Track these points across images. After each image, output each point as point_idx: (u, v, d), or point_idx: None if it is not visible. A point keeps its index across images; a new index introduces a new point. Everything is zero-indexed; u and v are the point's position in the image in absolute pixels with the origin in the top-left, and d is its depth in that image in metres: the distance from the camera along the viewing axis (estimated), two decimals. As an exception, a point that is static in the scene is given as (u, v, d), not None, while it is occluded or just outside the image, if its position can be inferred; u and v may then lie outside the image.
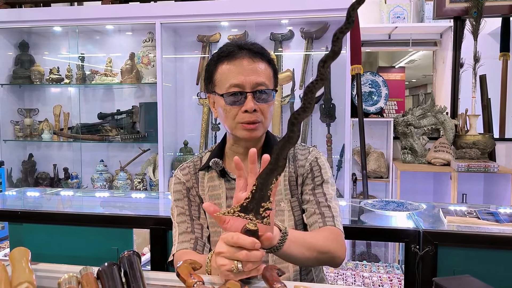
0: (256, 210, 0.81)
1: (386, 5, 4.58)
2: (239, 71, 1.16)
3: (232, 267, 0.81)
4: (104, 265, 0.84)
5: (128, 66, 3.21)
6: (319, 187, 1.26)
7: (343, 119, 2.89)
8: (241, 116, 1.17)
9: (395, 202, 1.88)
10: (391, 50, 5.45)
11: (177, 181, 1.33)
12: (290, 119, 0.79)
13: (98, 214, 1.83)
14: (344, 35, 0.75)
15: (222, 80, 1.18)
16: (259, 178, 0.81)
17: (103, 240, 1.82)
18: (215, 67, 1.21)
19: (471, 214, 1.71)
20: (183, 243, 1.23)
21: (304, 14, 2.89)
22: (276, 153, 0.80)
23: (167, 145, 3.11)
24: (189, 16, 2.97)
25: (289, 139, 0.79)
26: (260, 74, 1.17)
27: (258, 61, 1.18)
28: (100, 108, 3.40)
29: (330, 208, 1.22)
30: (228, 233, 0.83)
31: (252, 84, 1.16)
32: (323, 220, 1.19)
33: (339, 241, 1.17)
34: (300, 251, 1.03)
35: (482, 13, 2.89)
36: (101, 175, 3.28)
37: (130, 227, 1.80)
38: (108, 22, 3.13)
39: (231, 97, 1.17)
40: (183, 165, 1.36)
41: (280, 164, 0.80)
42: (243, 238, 0.81)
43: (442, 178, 2.97)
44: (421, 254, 1.53)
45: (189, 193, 1.30)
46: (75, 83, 3.32)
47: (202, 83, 3.23)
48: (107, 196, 2.31)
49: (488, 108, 3.02)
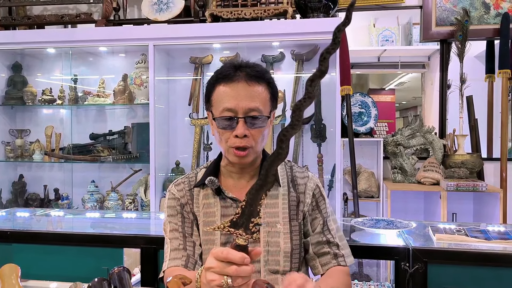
0: (246, 225, 0.82)
1: (375, 29, 4.69)
2: (233, 95, 1.18)
3: (222, 282, 0.82)
4: (94, 281, 0.85)
5: (121, 87, 3.23)
6: (326, 226, 1.33)
7: (333, 139, 2.92)
8: (232, 140, 1.20)
9: (385, 221, 1.90)
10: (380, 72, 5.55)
11: (171, 196, 1.33)
12: (279, 136, 0.81)
13: (88, 233, 1.83)
14: (330, 55, 0.78)
15: (217, 102, 1.21)
16: (248, 194, 0.83)
17: (93, 260, 1.81)
18: (213, 87, 1.24)
19: (460, 232, 1.73)
20: (174, 260, 1.23)
21: (294, 37, 2.95)
22: (265, 169, 0.82)
23: (159, 165, 3.12)
24: (182, 38, 3.02)
25: (278, 155, 0.81)
26: (254, 99, 1.18)
27: (254, 84, 1.19)
28: (92, 128, 3.41)
29: (338, 247, 1.31)
30: (218, 248, 0.84)
31: (244, 110, 1.17)
32: (337, 261, 1.29)
33: (348, 280, 1.28)
34: None
35: (467, 36, 2.97)
36: (92, 195, 3.27)
37: (120, 246, 1.80)
38: (102, 44, 3.17)
39: (223, 121, 1.19)
40: (178, 180, 1.36)
41: (269, 180, 0.82)
42: (233, 253, 0.82)
43: (432, 197, 3.00)
44: (411, 271, 1.54)
45: (183, 210, 1.30)
46: (67, 104, 3.34)
47: (194, 104, 3.26)
48: (98, 216, 2.30)
49: (476, 128, 3.08)
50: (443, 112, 3.16)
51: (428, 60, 5.14)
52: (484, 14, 3.05)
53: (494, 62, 3.18)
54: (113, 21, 3.33)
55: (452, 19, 3.08)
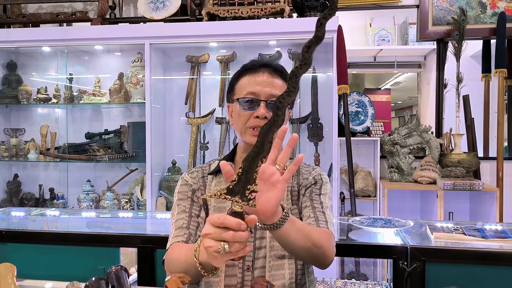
0: (242, 192, 0.83)
1: (372, 28, 4.69)
2: (258, 82, 1.26)
3: (219, 248, 0.83)
4: (92, 280, 0.84)
5: (117, 86, 3.21)
6: (317, 196, 1.31)
7: (330, 138, 2.91)
8: (251, 121, 1.25)
9: (382, 219, 1.90)
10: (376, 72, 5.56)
11: (184, 183, 1.37)
12: (275, 103, 0.83)
13: (84, 233, 1.81)
14: (326, 20, 0.79)
15: (241, 89, 1.29)
16: (245, 161, 0.83)
17: (89, 259, 1.79)
18: (237, 79, 1.32)
19: (458, 231, 1.73)
20: (176, 237, 1.25)
21: (291, 36, 2.94)
22: (261, 136, 0.84)
23: (155, 164, 3.10)
24: (178, 37, 3.00)
25: (274, 122, 0.83)
26: (276, 88, 1.26)
27: (276, 77, 1.29)
28: (87, 128, 3.39)
29: (324, 215, 1.27)
30: (214, 215, 0.85)
31: (267, 95, 1.25)
32: (317, 223, 1.24)
33: (331, 242, 1.20)
34: (297, 237, 1.06)
35: (464, 36, 2.98)
36: (88, 195, 3.25)
37: (116, 246, 1.79)
38: (97, 42, 3.15)
39: (246, 103, 1.26)
40: (192, 169, 1.42)
41: (265, 148, 0.84)
42: (229, 219, 0.83)
43: (428, 196, 3.00)
44: (409, 270, 1.54)
45: (194, 195, 1.34)
46: (62, 103, 3.32)
47: (191, 103, 3.24)
48: (93, 215, 2.28)
49: (472, 127, 3.08)
50: (440, 111, 3.16)
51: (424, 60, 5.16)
52: (480, 14, 3.06)
53: (491, 62, 3.19)
54: (109, 19, 3.31)
55: (448, 18, 3.09)
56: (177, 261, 1.15)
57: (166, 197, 3.14)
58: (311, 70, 3.13)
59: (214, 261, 0.86)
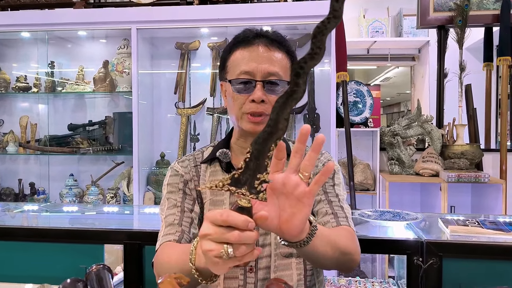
0: (251, 183, 0.67)
1: (365, 20, 4.58)
2: (252, 58, 1.08)
3: (221, 252, 0.66)
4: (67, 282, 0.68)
5: (102, 74, 3.03)
6: (331, 187, 1.15)
7: (328, 129, 2.77)
8: (248, 105, 1.08)
9: (390, 212, 1.76)
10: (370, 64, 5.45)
11: (174, 173, 1.19)
12: (295, 68, 0.65)
13: (64, 228, 1.64)
14: None
15: (233, 67, 1.11)
16: (254, 144, 0.67)
17: (70, 257, 1.62)
18: (229, 53, 1.13)
19: (473, 224, 1.60)
20: (167, 236, 1.08)
21: (287, 21, 2.80)
22: (275, 112, 0.66)
23: (142, 158, 2.93)
24: (167, 22, 2.83)
25: (292, 93, 0.66)
26: (274, 63, 1.08)
27: (274, 49, 1.09)
28: (70, 119, 3.20)
29: (343, 209, 1.12)
30: (214, 211, 0.68)
31: (263, 73, 1.07)
32: (337, 220, 1.08)
33: (356, 243, 1.06)
34: (325, 249, 0.90)
35: (467, 22, 2.85)
36: (71, 190, 3.06)
37: (100, 242, 1.61)
38: (80, 27, 2.96)
39: (239, 85, 1.09)
40: (182, 158, 1.24)
41: (280, 127, 0.67)
42: (234, 216, 0.66)
43: (430, 189, 2.88)
44: (425, 267, 1.40)
45: (186, 186, 1.17)
46: (43, 92, 3.12)
47: (180, 93, 3.08)
48: (76, 210, 2.11)
49: (474, 118, 2.96)
50: (440, 101, 3.03)
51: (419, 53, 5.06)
52: (483, 0, 2.93)
53: (493, 50, 3.08)
54: (93, 3, 3.12)
55: (450, 4, 2.96)
56: (167, 264, 0.98)
57: (154, 192, 2.97)
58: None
59: (214, 267, 0.69)
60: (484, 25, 3.00)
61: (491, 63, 3.04)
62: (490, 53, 3.03)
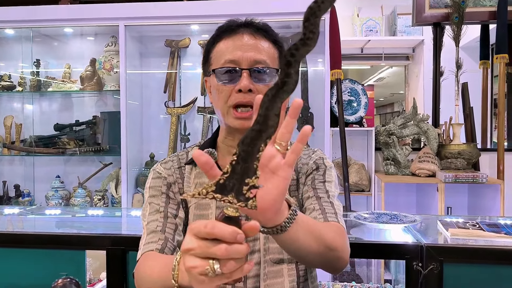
0: (238, 189, 0.59)
1: (359, 19, 4.51)
2: (237, 46, 1.01)
3: (206, 269, 0.57)
4: None
5: (89, 72, 2.94)
6: (321, 184, 1.07)
7: (322, 128, 2.70)
8: (234, 97, 1.00)
9: (387, 215, 1.68)
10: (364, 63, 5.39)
11: (156, 175, 1.10)
12: (285, 56, 0.57)
13: (43, 233, 1.54)
14: None
15: (217, 57, 1.03)
16: (241, 144, 0.59)
17: (49, 264, 1.53)
18: (212, 45, 1.06)
19: (474, 226, 1.53)
20: (149, 244, 0.99)
21: (279, 17, 2.72)
22: (264, 107, 0.58)
23: (131, 158, 2.84)
24: (156, 18, 2.75)
25: (283, 85, 0.58)
26: (260, 52, 1.01)
27: (260, 38, 1.04)
28: (57, 118, 3.10)
29: (332, 205, 1.03)
30: (198, 222, 0.59)
31: (249, 61, 1.00)
32: (324, 216, 1.00)
33: (346, 240, 0.96)
34: (307, 240, 0.82)
35: (464, 19, 2.79)
36: (57, 192, 2.96)
37: (82, 248, 1.52)
38: (66, 24, 2.86)
39: (224, 75, 1.01)
40: (165, 159, 1.15)
41: (270, 124, 0.59)
42: (221, 227, 0.57)
43: (426, 190, 2.81)
44: (425, 272, 1.32)
45: (170, 190, 1.08)
46: (28, 91, 3.02)
47: (170, 91, 2.99)
48: (59, 213, 2.01)
49: (471, 117, 2.90)
50: (436, 100, 2.97)
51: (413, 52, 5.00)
52: (479, -4, 2.88)
53: (489, 48, 3.02)
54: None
55: (446, 1, 2.89)
56: (149, 278, 0.89)
57: (143, 194, 2.88)
58: (300, 56, 2.89)
59: (199, 286, 0.61)
60: (480, 22, 2.94)
61: (487, 61, 2.99)
62: (487, 51, 2.98)
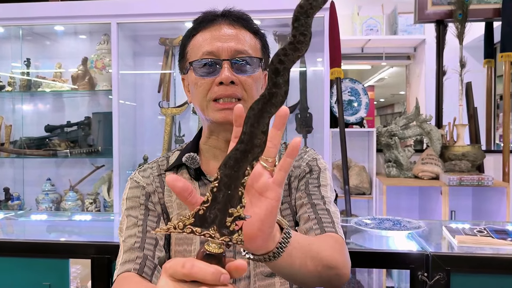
0: (221, 221, 0.50)
1: (359, 17, 4.42)
2: (215, 37, 0.93)
3: None
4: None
5: (81, 71, 2.85)
6: (315, 189, 0.97)
7: (321, 129, 2.61)
8: (214, 90, 0.91)
9: (390, 220, 1.59)
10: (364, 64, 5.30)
11: (134, 184, 1.00)
12: (273, 63, 0.48)
13: (23, 241, 1.45)
14: None
15: (194, 51, 0.95)
16: (223, 167, 0.50)
17: (31, 274, 1.44)
18: (188, 39, 0.97)
19: (482, 233, 1.43)
20: (125, 264, 0.88)
21: (277, 15, 2.64)
22: (249, 123, 0.49)
23: (124, 161, 2.75)
24: (149, 16, 2.66)
25: (270, 97, 0.49)
26: (242, 42, 0.94)
27: (240, 28, 0.96)
28: (47, 119, 3.00)
29: (329, 213, 0.93)
30: (174, 260, 0.50)
31: (230, 51, 0.92)
32: (321, 226, 0.90)
33: (345, 254, 0.86)
34: (303, 262, 0.72)
35: (468, 16, 2.70)
36: (47, 195, 2.86)
37: (65, 257, 1.43)
38: (57, 21, 2.77)
39: (203, 68, 0.92)
40: (144, 166, 1.05)
41: (256, 143, 0.49)
42: (201, 267, 0.48)
43: (429, 193, 2.71)
44: (431, 283, 1.23)
45: (149, 200, 0.98)
46: (18, 90, 2.93)
47: (164, 91, 2.90)
48: (45, 218, 1.92)
49: (475, 117, 2.81)
50: (439, 100, 2.88)
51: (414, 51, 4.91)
52: (483, -7, 2.79)
53: (493, 46, 2.93)
54: (71, -4, 2.93)
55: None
56: None
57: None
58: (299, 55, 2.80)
59: None
60: (484, 19, 2.85)
61: (491, 60, 2.89)
62: (491, 49, 2.88)
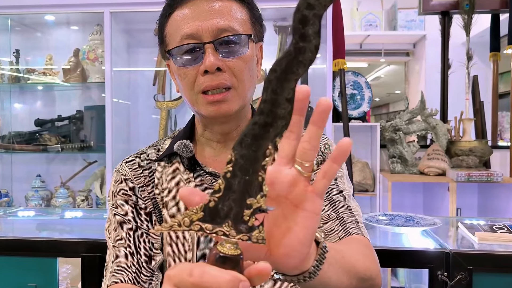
0: (237, 214, 0.39)
1: (358, 12, 4.34)
2: (194, 15, 0.78)
3: None
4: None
5: (72, 63, 2.73)
6: (333, 181, 0.84)
7: (323, 123, 2.51)
8: (200, 81, 0.78)
9: (402, 216, 1.49)
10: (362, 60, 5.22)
11: (120, 177, 0.87)
12: (299, 8, 0.39)
13: (8, 238, 1.34)
14: None
15: (172, 34, 0.81)
16: (238, 147, 0.39)
17: (16, 274, 1.33)
18: (165, 19, 0.82)
19: (502, 229, 1.34)
20: (117, 273, 0.76)
21: (277, 4, 2.54)
22: (270, 88, 0.39)
23: (117, 156, 2.63)
24: (144, 4, 2.55)
25: (297, 53, 0.40)
26: (225, 15, 0.78)
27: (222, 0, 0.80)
28: (37, 113, 2.88)
29: (350, 210, 0.82)
30: (181, 266, 0.39)
31: (212, 31, 0.77)
32: (344, 228, 0.79)
33: (376, 260, 0.76)
34: (339, 278, 0.61)
35: (475, 6, 2.62)
36: (37, 192, 2.75)
37: (53, 255, 1.33)
38: (47, 10, 2.66)
39: (184, 55, 0.79)
40: (131, 156, 0.92)
41: (280, 113, 0.40)
42: (214, 274, 0.38)
43: (435, 189, 2.62)
44: (452, 283, 1.13)
45: (138, 196, 0.85)
46: (6, 83, 2.81)
47: (159, 84, 2.78)
48: (32, 215, 1.81)
49: (481, 112, 2.73)
50: (444, 94, 2.79)
51: (414, 48, 4.82)
52: (490, -16, 2.71)
53: (499, 39, 2.85)
54: (62, -15, 2.81)
55: (456, -13, 2.72)
56: None
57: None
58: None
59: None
60: (491, 11, 2.77)
61: (498, 53, 2.81)
62: (497, 42, 2.80)
